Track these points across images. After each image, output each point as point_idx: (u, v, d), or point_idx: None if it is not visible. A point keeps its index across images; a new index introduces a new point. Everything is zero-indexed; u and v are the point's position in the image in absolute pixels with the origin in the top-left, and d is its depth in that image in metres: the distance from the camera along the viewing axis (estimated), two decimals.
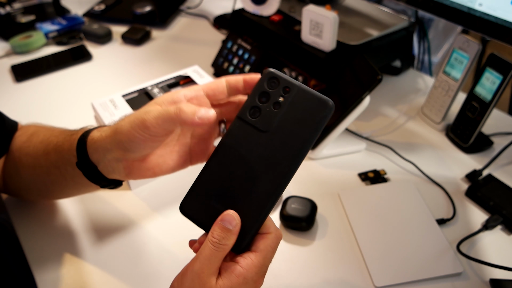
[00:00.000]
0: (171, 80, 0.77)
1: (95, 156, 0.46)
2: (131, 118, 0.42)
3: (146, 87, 0.75)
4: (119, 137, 0.43)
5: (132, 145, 0.42)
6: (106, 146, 0.45)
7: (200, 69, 0.79)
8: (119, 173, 0.46)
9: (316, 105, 0.38)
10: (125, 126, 0.42)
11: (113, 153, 0.44)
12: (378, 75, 0.67)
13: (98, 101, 0.72)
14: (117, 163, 0.45)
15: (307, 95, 0.39)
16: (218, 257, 0.38)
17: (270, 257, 0.40)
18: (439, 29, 1.32)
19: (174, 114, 0.39)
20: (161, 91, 0.73)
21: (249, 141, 0.40)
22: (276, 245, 0.40)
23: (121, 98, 0.73)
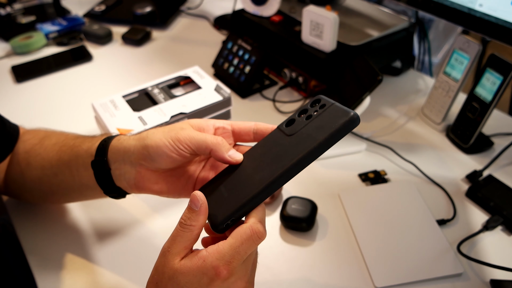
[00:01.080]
0: (172, 80, 0.77)
1: (113, 156, 0.48)
2: (165, 129, 0.45)
3: (147, 88, 0.75)
4: (148, 142, 0.44)
5: (157, 154, 0.44)
6: (130, 148, 0.46)
7: (200, 69, 0.79)
8: (128, 180, 0.48)
9: (340, 115, 0.40)
10: (157, 135, 0.44)
11: (133, 156, 0.46)
12: (378, 76, 0.67)
13: (99, 101, 0.72)
14: (131, 168, 0.47)
15: (337, 109, 0.41)
16: (184, 237, 0.39)
17: (238, 247, 0.38)
18: (439, 30, 1.32)
19: (211, 144, 0.43)
20: (161, 92, 0.73)
21: (272, 143, 0.43)
22: (249, 237, 0.38)
23: (121, 98, 0.73)
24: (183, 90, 0.77)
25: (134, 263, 0.59)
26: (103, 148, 0.49)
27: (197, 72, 0.78)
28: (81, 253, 0.60)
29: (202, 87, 0.74)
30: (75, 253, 0.60)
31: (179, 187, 0.48)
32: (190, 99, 0.71)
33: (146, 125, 0.65)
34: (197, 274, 0.37)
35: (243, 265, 0.39)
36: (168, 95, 0.73)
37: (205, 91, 0.73)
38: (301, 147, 0.40)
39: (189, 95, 0.72)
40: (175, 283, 0.38)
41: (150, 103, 0.72)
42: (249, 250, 0.38)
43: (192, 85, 0.77)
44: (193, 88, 0.76)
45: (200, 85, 0.75)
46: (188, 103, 0.70)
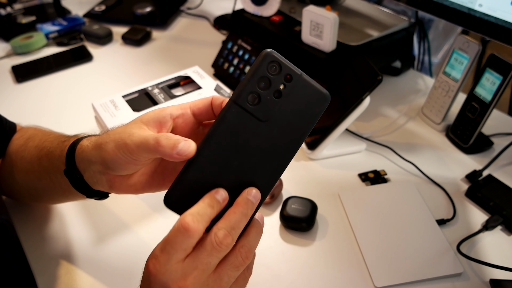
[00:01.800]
0: (172, 80, 0.77)
1: (81, 165, 0.46)
2: (116, 137, 0.41)
3: (147, 88, 0.75)
4: (103, 154, 0.42)
5: (115, 165, 0.41)
6: (91, 158, 0.44)
7: (200, 69, 0.79)
8: (102, 185, 0.45)
9: (317, 97, 0.37)
10: (110, 145, 0.41)
11: (97, 166, 0.43)
12: (378, 76, 0.67)
13: (99, 101, 0.72)
14: (100, 176, 0.44)
15: (308, 86, 0.38)
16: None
17: (166, 239, 0.35)
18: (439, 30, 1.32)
19: (152, 147, 0.38)
20: (161, 92, 0.74)
21: (247, 130, 0.37)
22: (175, 229, 0.35)
23: (122, 98, 0.73)
24: (183, 90, 0.77)
25: (134, 263, 0.59)
26: (71, 155, 0.47)
27: (197, 72, 0.78)
28: (81, 253, 0.60)
29: (202, 87, 0.74)
30: (75, 253, 0.60)
31: (157, 180, 0.44)
32: (190, 99, 0.71)
33: None
34: (144, 275, 0.37)
35: (179, 265, 0.35)
36: (168, 95, 0.73)
37: (205, 91, 0.73)
38: (288, 140, 0.37)
39: (189, 95, 0.72)
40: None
41: (150, 103, 0.72)
42: (177, 245, 0.35)
43: (192, 85, 0.77)
44: (193, 88, 0.76)
45: (200, 85, 0.75)
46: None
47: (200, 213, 0.35)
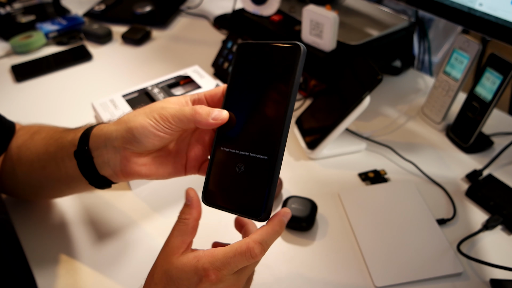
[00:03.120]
0: (171, 80, 0.77)
1: (95, 144, 0.47)
2: (146, 110, 0.44)
3: (146, 87, 0.75)
4: (131, 124, 0.43)
5: (143, 135, 0.43)
6: (112, 134, 0.45)
7: (200, 69, 0.79)
8: (114, 166, 0.46)
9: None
10: (139, 117, 0.43)
11: (116, 141, 0.45)
12: (378, 75, 0.67)
13: (98, 101, 0.72)
14: (115, 154, 0.45)
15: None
16: (181, 231, 0.41)
17: (230, 257, 0.38)
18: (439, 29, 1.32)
19: (190, 115, 0.41)
20: (161, 91, 0.73)
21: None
22: (242, 253, 0.38)
23: (121, 98, 0.73)
24: (183, 89, 0.77)
25: (134, 263, 0.59)
26: (85, 137, 0.48)
27: (197, 72, 0.78)
28: (81, 253, 0.60)
29: (202, 87, 0.74)
30: (75, 253, 0.60)
31: (168, 168, 0.47)
32: None
33: None
34: (189, 271, 0.39)
35: (234, 276, 0.39)
36: (168, 94, 0.73)
37: (205, 90, 0.73)
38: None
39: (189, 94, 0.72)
40: (168, 277, 0.39)
41: (150, 103, 0.72)
42: (240, 264, 0.39)
43: (192, 85, 0.77)
44: (193, 87, 0.76)
45: (200, 84, 0.75)
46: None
47: (268, 243, 0.40)
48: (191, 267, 0.38)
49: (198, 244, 0.62)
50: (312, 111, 0.78)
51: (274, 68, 0.41)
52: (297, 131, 0.78)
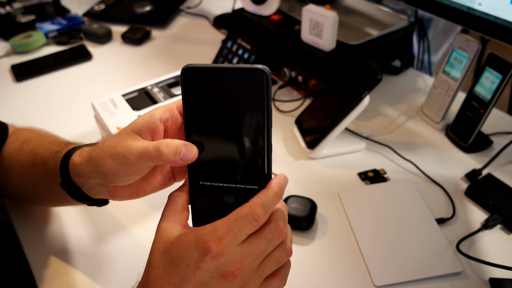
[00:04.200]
0: (171, 79, 0.77)
1: (78, 180, 0.46)
2: (112, 151, 0.40)
3: (146, 87, 0.75)
4: (101, 169, 0.41)
5: (115, 178, 0.41)
6: (88, 174, 0.44)
7: None
8: (103, 195, 0.45)
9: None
10: (107, 161, 0.40)
11: (95, 179, 0.43)
12: (378, 75, 0.67)
13: (98, 100, 0.72)
14: (101, 187, 0.44)
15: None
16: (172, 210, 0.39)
17: (232, 223, 0.35)
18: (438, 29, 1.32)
19: (154, 156, 0.38)
20: (161, 91, 0.74)
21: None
22: (245, 216, 0.36)
23: (121, 97, 0.73)
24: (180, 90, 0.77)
25: (134, 263, 0.59)
26: (65, 171, 0.47)
27: None
28: (81, 253, 0.60)
29: None
30: (75, 253, 0.60)
31: (157, 181, 0.44)
32: None
33: None
34: (188, 247, 0.35)
35: (238, 248, 0.36)
36: (167, 94, 0.73)
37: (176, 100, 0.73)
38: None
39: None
40: (168, 256, 0.36)
41: (149, 102, 0.72)
42: (244, 229, 0.35)
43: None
44: None
45: None
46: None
47: (269, 204, 0.37)
48: (191, 242, 0.35)
49: None
50: (311, 110, 0.78)
51: (240, 94, 0.37)
52: (296, 131, 0.79)
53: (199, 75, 0.37)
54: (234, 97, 0.37)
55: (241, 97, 0.37)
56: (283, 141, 0.79)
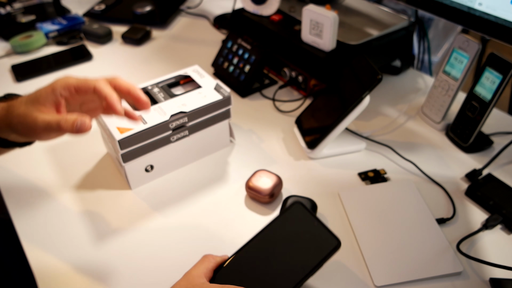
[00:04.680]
0: (171, 79, 0.77)
1: (2, 134, 0.53)
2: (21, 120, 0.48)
3: (146, 87, 0.75)
4: (16, 132, 0.50)
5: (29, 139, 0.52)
6: (8, 131, 0.51)
7: (200, 68, 0.79)
8: (19, 140, 0.54)
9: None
10: (19, 127, 0.49)
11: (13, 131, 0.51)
12: (378, 75, 0.67)
13: None
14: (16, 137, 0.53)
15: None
16: (205, 265, 0.48)
17: None
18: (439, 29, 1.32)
19: (56, 128, 0.47)
20: (161, 91, 0.73)
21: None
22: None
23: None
24: (183, 89, 0.77)
25: (134, 263, 0.59)
26: None
27: (197, 71, 0.78)
28: (81, 252, 0.60)
29: (202, 86, 0.74)
30: (75, 252, 0.60)
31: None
32: (190, 98, 0.71)
33: (146, 124, 0.65)
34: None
35: None
36: (168, 94, 0.73)
37: (205, 90, 0.73)
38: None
39: (189, 94, 0.72)
40: None
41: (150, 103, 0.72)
42: None
43: (192, 84, 0.77)
44: (193, 87, 0.76)
45: (200, 84, 0.75)
46: (188, 102, 0.70)
47: None
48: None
49: (198, 243, 0.62)
50: (312, 110, 0.78)
51: (308, 247, 0.51)
52: (296, 131, 0.79)
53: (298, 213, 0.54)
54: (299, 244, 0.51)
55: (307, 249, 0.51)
56: (283, 141, 0.79)
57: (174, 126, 0.67)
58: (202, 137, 0.73)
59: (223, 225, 0.64)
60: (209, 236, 0.62)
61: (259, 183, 0.66)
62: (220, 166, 0.74)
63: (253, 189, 0.66)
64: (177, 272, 0.50)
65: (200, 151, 0.75)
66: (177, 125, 0.68)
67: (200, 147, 0.75)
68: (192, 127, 0.70)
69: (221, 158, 0.76)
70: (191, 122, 0.69)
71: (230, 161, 0.75)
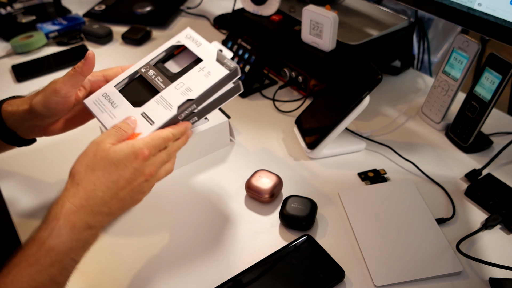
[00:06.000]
0: (163, 53, 0.66)
1: (14, 125, 0.58)
2: (41, 94, 0.55)
3: (139, 69, 0.64)
4: (37, 108, 0.55)
5: (48, 111, 0.55)
6: (25, 117, 0.57)
7: (193, 32, 0.66)
8: (35, 134, 0.61)
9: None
10: (39, 97, 0.55)
11: (30, 121, 0.57)
12: (378, 75, 0.67)
13: (91, 99, 0.60)
14: (34, 128, 0.59)
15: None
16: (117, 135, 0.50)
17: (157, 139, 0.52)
18: (438, 29, 1.32)
19: (73, 73, 0.54)
20: (157, 74, 0.63)
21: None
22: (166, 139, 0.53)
23: (114, 89, 0.61)
24: (177, 65, 0.65)
25: (134, 260, 0.59)
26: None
27: (191, 37, 0.65)
28: None
29: (202, 59, 0.62)
30: None
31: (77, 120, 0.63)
32: (192, 78, 0.60)
33: (153, 124, 0.55)
34: (127, 152, 0.48)
35: (156, 158, 0.51)
36: (166, 76, 0.61)
37: (207, 64, 0.61)
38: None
39: (190, 73, 0.60)
40: (106, 160, 0.47)
41: (148, 92, 0.60)
42: (161, 146, 0.52)
43: (188, 55, 0.65)
44: (190, 58, 0.64)
45: (199, 55, 0.63)
46: (192, 84, 0.59)
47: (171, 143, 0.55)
48: (128, 149, 0.48)
49: (197, 242, 0.62)
50: (311, 111, 0.79)
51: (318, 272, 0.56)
52: (296, 131, 0.79)
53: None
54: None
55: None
56: (283, 141, 0.79)
57: (183, 117, 0.58)
58: (202, 136, 0.73)
59: (223, 225, 0.64)
60: (208, 236, 0.63)
61: (259, 183, 0.66)
62: (220, 166, 0.74)
63: (253, 189, 0.66)
64: (177, 271, 0.50)
65: (200, 151, 0.75)
66: (186, 115, 0.58)
67: (200, 147, 0.74)
68: (201, 111, 0.59)
69: (221, 158, 0.76)
70: (199, 107, 0.59)
71: (230, 161, 0.75)
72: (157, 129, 0.55)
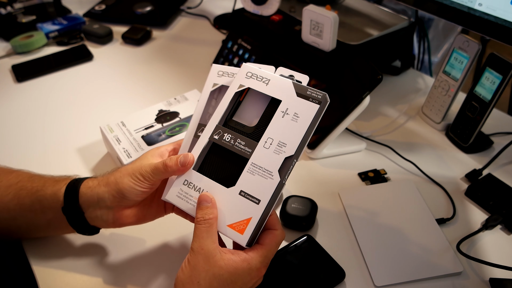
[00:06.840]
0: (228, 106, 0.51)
1: (86, 203, 0.52)
2: (129, 171, 0.50)
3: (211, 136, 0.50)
4: (121, 186, 0.50)
5: (132, 194, 0.50)
6: (104, 195, 0.51)
7: (252, 66, 0.52)
8: (106, 220, 0.53)
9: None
10: (125, 178, 0.50)
11: (108, 201, 0.51)
12: (378, 75, 0.67)
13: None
14: (108, 211, 0.52)
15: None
16: (209, 233, 0.45)
17: (273, 250, 0.47)
18: (439, 29, 1.32)
19: (163, 169, 0.49)
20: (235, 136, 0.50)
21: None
22: (279, 242, 0.48)
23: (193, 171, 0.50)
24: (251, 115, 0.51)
25: (135, 262, 0.59)
26: (72, 194, 0.52)
27: (253, 75, 0.51)
28: (82, 252, 0.60)
29: (281, 99, 0.49)
30: (75, 252, 0.60)
31: (152, 212, 0.55)
32: (280, 129, 0.48)
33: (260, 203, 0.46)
34: (243, 274, 0.45)
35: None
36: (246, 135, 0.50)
37: (289, 104, 0.49)
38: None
39: (273, 123, 0.48)
40: (220, 280, 0.44)
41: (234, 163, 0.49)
42: (278, 248, 0.48)
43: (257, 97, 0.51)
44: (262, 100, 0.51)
45: (274, 95, 0.50)
46: (282, 137, 0.48)
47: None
48: (244, 270, 0.44)
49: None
50: None
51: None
52: None
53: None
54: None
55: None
56: None
57: (287, 178, 0.47)
58: None
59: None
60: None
61: None
62: None
63: None
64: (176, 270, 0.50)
65: None
66: (288, 174, 0.47)
67: None
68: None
69: None
70: (299, 157, 0.48)
71: None
72: (266, 206, 0.46)
